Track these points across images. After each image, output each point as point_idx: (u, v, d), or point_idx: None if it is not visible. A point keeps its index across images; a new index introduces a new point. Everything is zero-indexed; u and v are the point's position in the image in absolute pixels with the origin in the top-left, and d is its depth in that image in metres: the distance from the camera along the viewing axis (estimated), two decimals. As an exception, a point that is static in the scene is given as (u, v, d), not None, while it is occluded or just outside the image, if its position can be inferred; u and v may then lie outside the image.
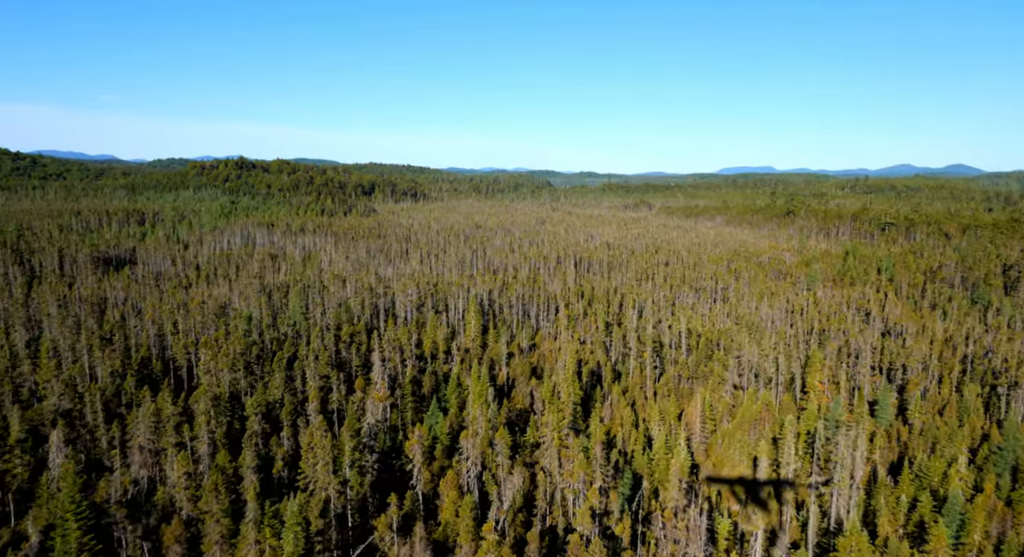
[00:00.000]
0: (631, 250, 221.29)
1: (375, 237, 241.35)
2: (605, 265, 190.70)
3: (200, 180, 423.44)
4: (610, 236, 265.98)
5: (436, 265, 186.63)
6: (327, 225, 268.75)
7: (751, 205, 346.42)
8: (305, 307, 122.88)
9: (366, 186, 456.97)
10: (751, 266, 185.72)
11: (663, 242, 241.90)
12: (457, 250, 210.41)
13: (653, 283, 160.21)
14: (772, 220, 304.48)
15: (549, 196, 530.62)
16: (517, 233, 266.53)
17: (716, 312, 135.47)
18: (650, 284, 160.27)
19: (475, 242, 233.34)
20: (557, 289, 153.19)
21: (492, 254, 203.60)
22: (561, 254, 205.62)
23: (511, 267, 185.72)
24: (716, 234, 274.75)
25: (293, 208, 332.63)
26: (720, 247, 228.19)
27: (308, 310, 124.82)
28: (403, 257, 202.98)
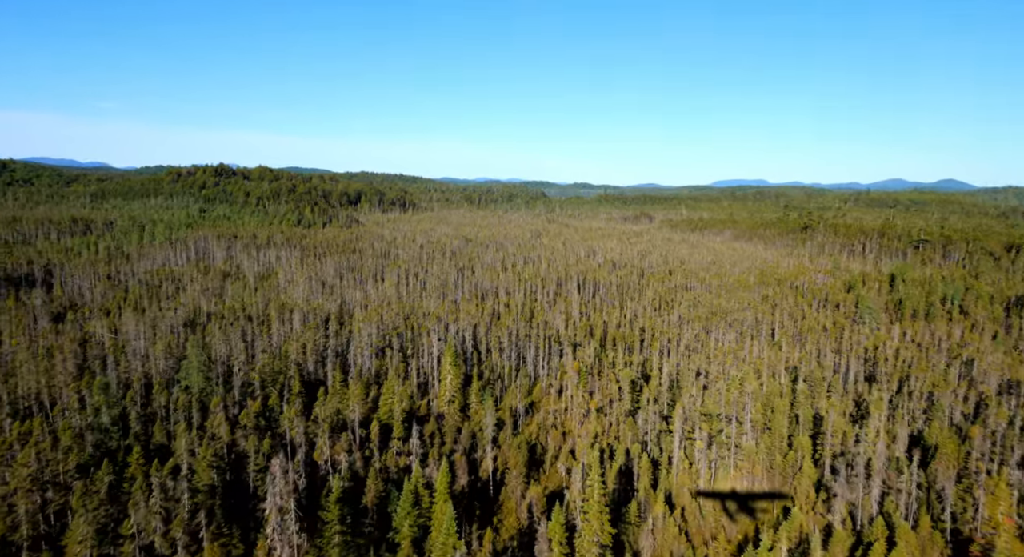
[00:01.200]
0: (640, 270, 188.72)
1: (349, 252, 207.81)
2: (614, 289, 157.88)
3: (175, 187, 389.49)
4: (614, 252, 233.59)
5: (414, 288, 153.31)
6: (299, 238, 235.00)
7: (760, 219, 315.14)
8: (208, 360, 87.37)
9: (352, 195, 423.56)
10: (784, 291, 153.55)
11: (674, 260, 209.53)
12: (441, 268, 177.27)
13: (678, 317, 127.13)
14: (786, 235, 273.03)
15: (544, 207, 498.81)
16: (510, 248, 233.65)
17: (770, 358, 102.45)
18: (674, 316, 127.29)
19: (463, 258, 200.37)
20: (559, 323, 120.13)
21: (481, 274, 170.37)
22: (561, 274, 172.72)
23: (503, 290, 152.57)
24: (730, 251, 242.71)
25: (268, 218, 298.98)
26: (739, 266, 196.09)
27: (219, 362, 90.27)
28: (377, 277, 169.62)
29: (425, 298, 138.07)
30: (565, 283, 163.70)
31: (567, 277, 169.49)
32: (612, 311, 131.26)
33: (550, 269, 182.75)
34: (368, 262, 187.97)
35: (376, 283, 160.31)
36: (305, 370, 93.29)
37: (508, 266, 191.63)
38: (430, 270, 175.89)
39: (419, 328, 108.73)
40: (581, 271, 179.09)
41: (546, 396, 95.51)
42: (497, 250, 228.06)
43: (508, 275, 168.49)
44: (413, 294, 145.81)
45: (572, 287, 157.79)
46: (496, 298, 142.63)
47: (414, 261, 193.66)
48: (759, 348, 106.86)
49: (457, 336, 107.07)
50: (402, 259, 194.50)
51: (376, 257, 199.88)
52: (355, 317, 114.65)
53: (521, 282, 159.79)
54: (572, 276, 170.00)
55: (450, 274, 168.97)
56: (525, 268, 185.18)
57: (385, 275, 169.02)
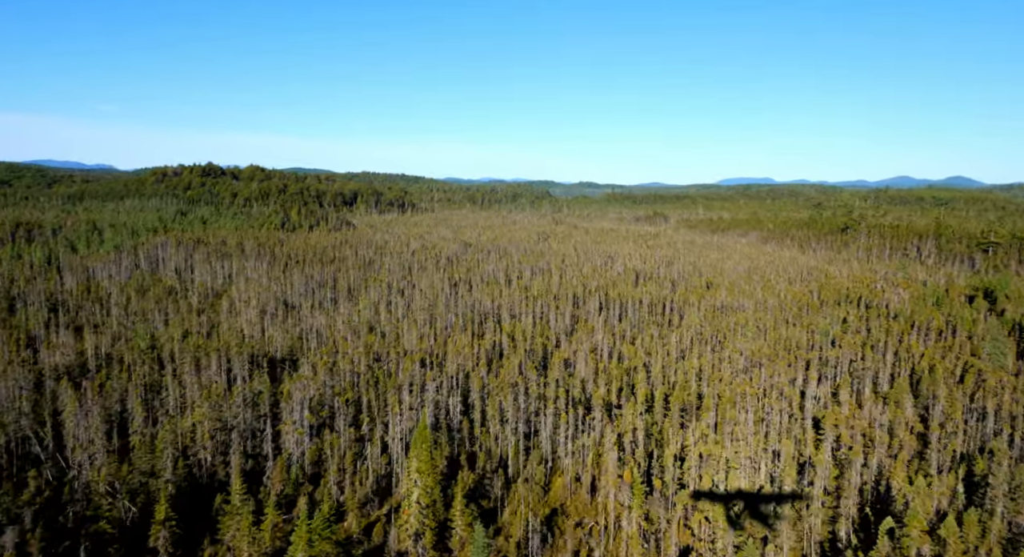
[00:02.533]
0: (671, 281, 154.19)
1: (328, 261, 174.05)
2: (645, 308, 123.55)
3: (158, 188, 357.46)
4: (633, 258, 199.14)
5: (396, 309, 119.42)
6: (274, 244, 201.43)
7: (788, 218, 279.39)
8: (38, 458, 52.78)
9: (347, 196, 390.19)
10: (862, 312, 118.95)
11: (707, 268, 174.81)
12: (432, 282, 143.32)
13: (743, 357, 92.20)
14: (824, 237, 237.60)
15: (550, 207, 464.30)
16: (515, 254, 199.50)
17: (913, 443, 67.39)
18: (733, 351, 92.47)
19: (459, 268, 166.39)
20: (583, 364, 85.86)
21: (480, 292, 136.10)
22: (578, 289, 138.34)
23: (506, 313, 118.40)
24: (765, 256, 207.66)
25: (252, 220, 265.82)
26: (785, 275, 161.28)
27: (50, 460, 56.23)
28: (355, 293, 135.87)
29: (406, 326, 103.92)
30: (584, 302, 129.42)
31: (585, 293, 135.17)
32: (650, 345, 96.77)
33: (563, 282, 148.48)
34: (347, 274, 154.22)
35: (353, 300, 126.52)
36: (198, 466, 59.35)
37: (513, 277, 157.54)
38: (419, 284, 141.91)
39: (385, 384, 74.34)
40: (601, 284, 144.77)
41: (572, 495, 61.44)
42: (500, 257, 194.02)
43: (513, 291, 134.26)
44: (393, 319, 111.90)
45: (593, 307, 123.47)
46: (497, 326, 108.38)
47: (402, 271, 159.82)
48: (878, 409, 72.03)
49: (440, 394, 72.93)
50: (388, 270, 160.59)
51: (359, 267, 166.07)
52: (301, 363, 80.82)
53: (529, 301, 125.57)
54: (591, 291, 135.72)
55: (442, 290, 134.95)
56: (533, 281, 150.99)
57: (365, 290, 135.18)
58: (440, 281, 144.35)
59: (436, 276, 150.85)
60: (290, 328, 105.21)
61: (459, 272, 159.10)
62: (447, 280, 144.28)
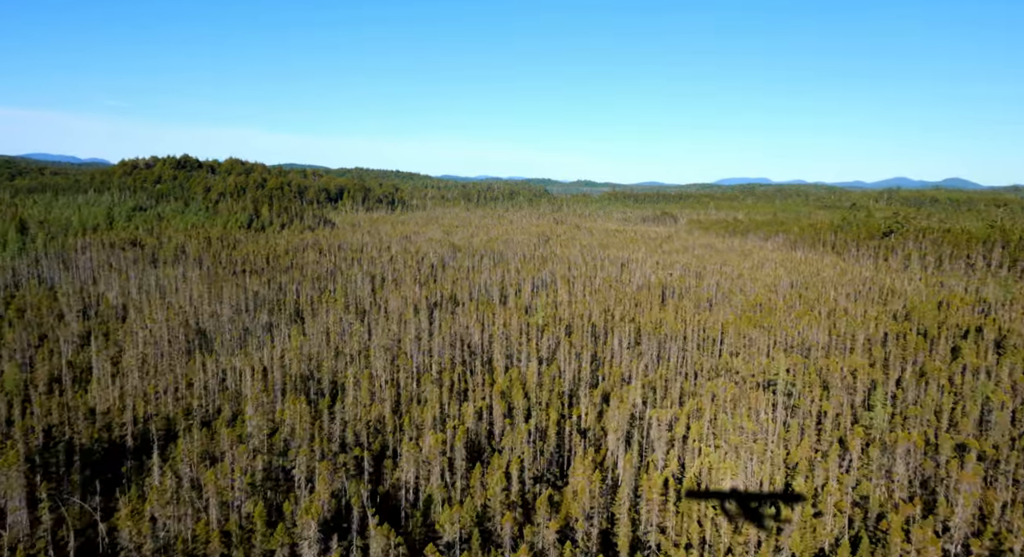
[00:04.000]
0: (708, 299, 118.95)
1: (283, 270, 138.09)
2: (691, 347, 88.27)
3: (126, 181, 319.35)
4: (648, 264, 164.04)
5: (348, 345, 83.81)
6: (229, 246, 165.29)
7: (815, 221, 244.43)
8: None
9: (333, 192, 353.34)
10: (988, 349, 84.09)
11: (744, 280, 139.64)
12: (407, 300, 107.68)
13: (912, 467, 56.71)
14: (861, 243, 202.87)
15: (549, 205, 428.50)
16: (513, 261, 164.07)
17: None
18: (902, 472, 57.36)
19: (445, 280, 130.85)
20: (626, 469, 51.01)
21: (466, 315, 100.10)
22: (595, 314, 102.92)
23: (500, 352, 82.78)
24: (804, 265, 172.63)
25: (219, 217, 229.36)
26: (843, 291, 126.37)
27: None
28: (300, 316, 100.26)
29: (352, 379, 68.38)
30: (606, 334, 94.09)
31: (607, 320, 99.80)
32: (732, 433, 61.48)
33: (574, 301, 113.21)
34: (303, 286, 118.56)
35: (300, 323, 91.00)
36: None
37: (510, 291, 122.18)
38: (389, 304, 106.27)
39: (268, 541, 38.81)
40: (621, 304, 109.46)
41: None
42: (495, 264, 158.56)
43: (510, 313, 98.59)
44: (340, 363, 76.41)
45: (618, 342, 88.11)
46: (487, 375, 72.86)
47: (373, 284, 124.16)
48: None
49: None
50: (355, 282, 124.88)
51: (319, 277, 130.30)
52: (149, 469, 45.41)
53: (532, 332, 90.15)
54: (614, 317, 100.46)
55: (417, 314, 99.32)
56: (536, 298, 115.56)
57: (319, 311, 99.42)
58: (417, 299, 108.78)
59: (412, 292, 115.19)
60: (179, 380, 69.65)
61: (443, 286, 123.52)
62: (425, 300, 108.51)
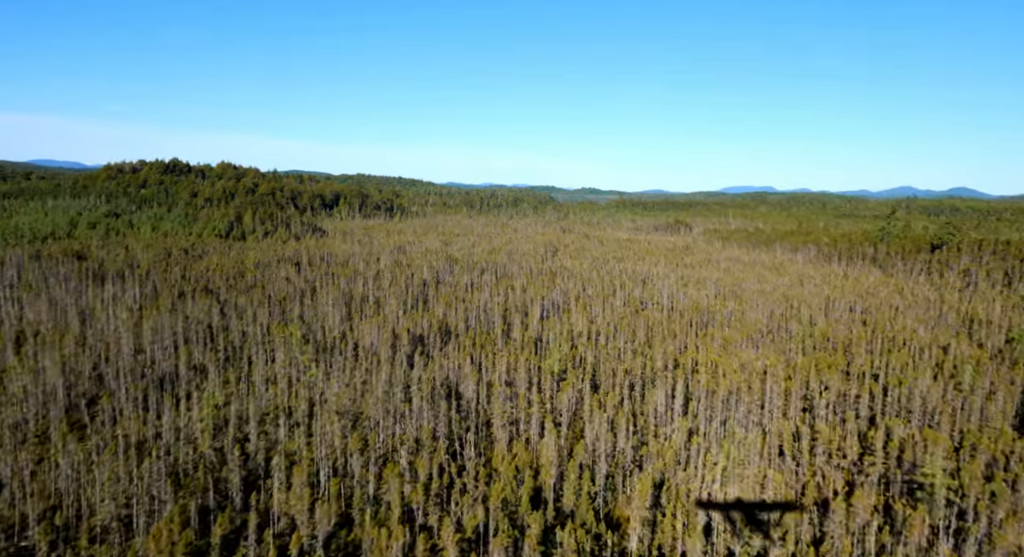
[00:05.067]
0: (758, 329, 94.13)
1: (245, 289, 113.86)
2: (769, 409, 63.53)
3: (110, 185, 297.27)
4: (672, 280, 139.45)
5: (296, 408, 59.43)
6: (191, 259, 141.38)
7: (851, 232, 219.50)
8: None
9: (328, 198, 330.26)
10: None
11: (791, 302, 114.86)
12: (385, 332, 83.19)
13: None
14: (909, 256, 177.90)
15: (555, 213, 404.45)
16: (519, 277, 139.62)
17: None
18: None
19: (437, 302, 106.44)
20: None
21: (459, 355, 75.25)
22: (626, 356, 78.31)
23: (501, 428, 58.25)
24: (851, 284, 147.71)
25: (196, 224, 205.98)
26: (917, 315, 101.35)
27: None
28: (237, 358, 75.98)
29: (277, 484, 44.05)
30: (644, 387, 69.36)
31: (644, 364, 75.04)
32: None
33: (595, 336, 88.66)
34: (260, 314, 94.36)
35: (236, 368, 67.00)
36: None
37: (515, 319, 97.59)
38: (363, 339, 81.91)
39: None
40: (661, 347, 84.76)
41: None
42: (497, 280, 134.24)
43: (518, 358, 73.98)
44: (268, 438, 52.25)
45: (663, 401, 63.35)
46: (483, 479, 48.31)
47: (349, 307, 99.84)
48: None
49: None
50: (324, 305, 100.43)
51: (287, 300, 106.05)
52: None
53: (544, 383, 65.66)
54: (650, 359, 75.80)
55: (396, 353, 74.86)
56: (547, 327, 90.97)
57: (268, 349, 75.17)
58: (399, 330, 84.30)
59: (395, 319, 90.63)
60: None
61: (433, 311, 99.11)
62: (408, 332, 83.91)
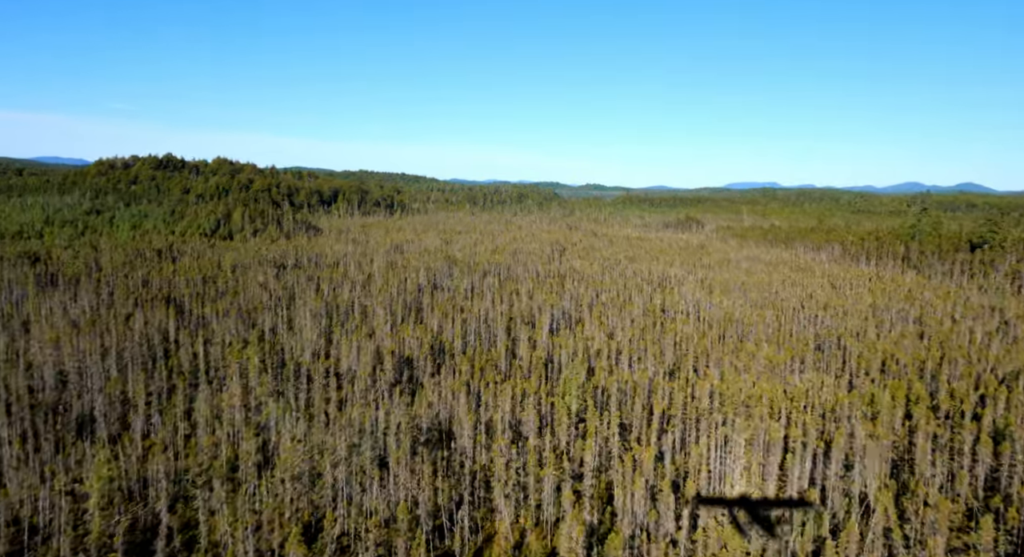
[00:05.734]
0: (806, 344, 78.89)
1: (215, 297, 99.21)
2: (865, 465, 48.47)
3: (100, 181, 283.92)
4: (691, 284, 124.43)
5: (246, 457, 44.88)
6: (166, 261, 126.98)
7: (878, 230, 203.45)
8: None
9: (326, 194, 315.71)
10: None
11: (841, 313, 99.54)
12: (369, 354, 68.49)
13: None
14: (945, 256, 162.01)
15: (560, 209, 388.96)
16: (524, 281, 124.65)
17: None
18: None
19: (432, 312, 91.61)
20: None
21: (454, 383, 60.33)
22: (659, 388, 63.36)
23: (505, 493, 43.39)
24: (896, 286, 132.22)
25: (182, 223, 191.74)
26: (987, 329, 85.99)
27: None
28: (174, 398, 61.50)
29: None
30: (686, 433, 54.39)
31: (684, 401, 60.03)
32: None
33: (615, 355, 73.77)
34: (222, 329, 79.81)
35: (168, 412, 52.60)
36: None
37: (520, 334, 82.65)
38: (339, 363, 67.20)
39: None
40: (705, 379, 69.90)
41: None
42: (500, 283, 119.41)
43: (525, 387, 59.17)
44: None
45: (714, 455, 48.37)
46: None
47: (331, 319, 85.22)
48: None
49: None
50: (302, 319, 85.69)
51: (258, 310, 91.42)
52: None
53: (560, 459, 50.84)
54: (687, 393, 60.82)
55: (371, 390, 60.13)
56: (558, 344, 75.98)
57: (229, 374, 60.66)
58: (385, 350, 69.50)
59: (380, 336, 75.78)
60: None
61: (427, 325, 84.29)
62: (392, 355, 68.92)
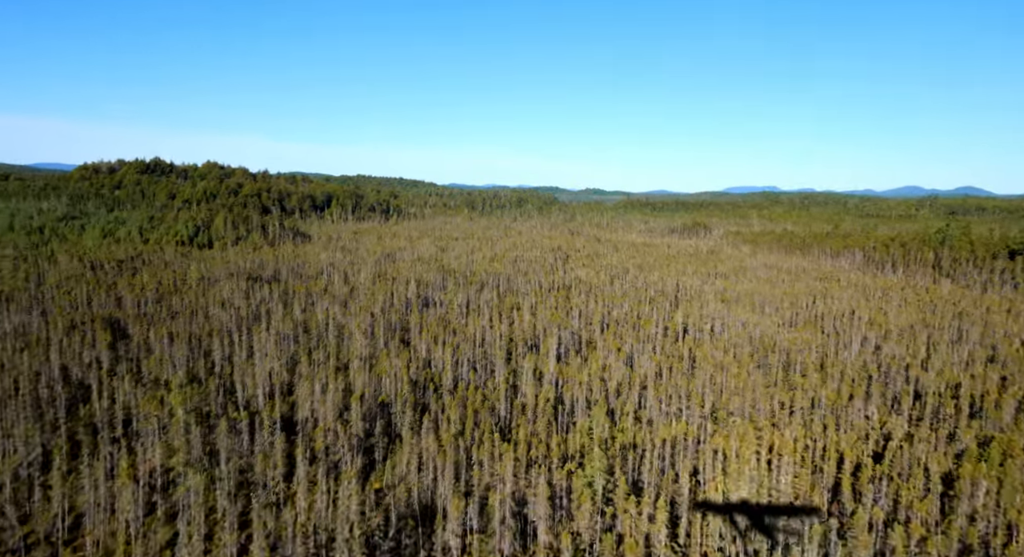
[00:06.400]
0: (867, 376, 64.27)
1: (167, 317, 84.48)
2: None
3: (83, 186, 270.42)
4: (710, 296, 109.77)
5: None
6: (126, 273, 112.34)
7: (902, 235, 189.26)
8: None
9: (319, 199, 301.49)
10: None
11: (905, 337, 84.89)
12: (348, 379, 54.02)
13: None
14: (980, 263, 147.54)
15: (561, 214, 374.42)
16: (526, 295, 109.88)
17: None
18: None
19: (419, 336, 77.07)
20: None
21: (432, 442, 45.81)
22: (710, 466, 48.66)
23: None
24: (936, 297, 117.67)
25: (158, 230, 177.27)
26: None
27: None
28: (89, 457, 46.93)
29: None
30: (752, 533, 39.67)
31: (757, 489, 45.29)
32: None
33: (658, 432, 59.15)
34: (163, 363, 65.19)
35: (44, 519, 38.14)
36: None
37: (524, 363, 67.93)
38: (297, 412, 52.63)
39: None
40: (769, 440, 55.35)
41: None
42: (499, 297, 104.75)
43: (532, 453, 44.57)
44: None
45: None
46: None
47: (297, 352, 70.71)
48: None
49: None
50: (262, 348, 71.05)
51: (214, 335, 76.74)
52: None
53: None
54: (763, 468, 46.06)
55: (323, 462, 45.52)
56: (569, 379, 61.28)
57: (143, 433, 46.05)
58: (357, 390, 54.79)
59: (354, 369, 61.11)
60: None
61: (412, 352, 69.52)
62: (361, 400, 54.15)
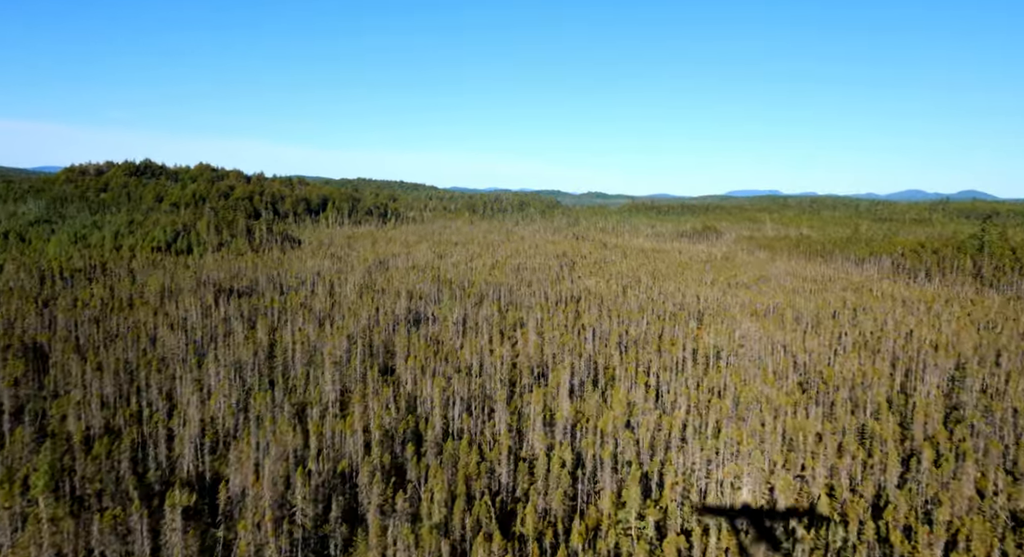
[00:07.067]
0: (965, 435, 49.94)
1: (99, 344, 70.32)
2: None
3: (68, 188, 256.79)
4: (737, 310, 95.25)
5: None
6: (79, 284, 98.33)
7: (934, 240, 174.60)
8: None
9: (314, 203, 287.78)
10: None
11: (980, 368, 70.50)
12: (303, 435, 39.92)
13: None
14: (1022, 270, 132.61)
15: (564, 218, 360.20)
16: (530, 310, 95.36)
17: None
18: None
19: (404, 368, 62.96)
20: None
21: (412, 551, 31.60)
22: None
23: None
24: (986, 311, 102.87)
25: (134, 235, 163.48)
26: None
27: None
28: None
29: None
30: None
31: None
32: None
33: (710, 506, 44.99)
34: (69, 419, 51.16)
35: None
36: None
37: (529, 407, 53.58)
38: (225, 491, 38.56)
39: None
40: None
41: None
42: (501, 315, 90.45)
43: None
44: None
45: None
46: None
47: (257, 375, 56.78)
48: None
49: None
50: (208, 382, 57.02)
51: (152, 366, 62.70)
52: None
53: None
54: None
55: None
56: (589, 429, 47.20)
57: None
58: (312, 455, 40.66)
59: (317, 418, 46.94)
60: None
61: (394, 387, 55.23)
62: (309, 476, 39.96)
